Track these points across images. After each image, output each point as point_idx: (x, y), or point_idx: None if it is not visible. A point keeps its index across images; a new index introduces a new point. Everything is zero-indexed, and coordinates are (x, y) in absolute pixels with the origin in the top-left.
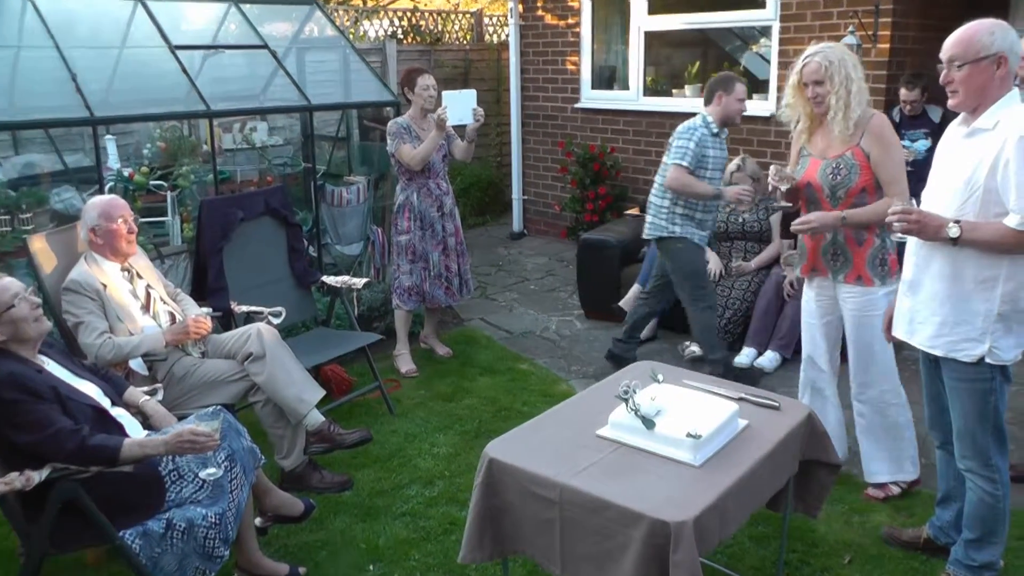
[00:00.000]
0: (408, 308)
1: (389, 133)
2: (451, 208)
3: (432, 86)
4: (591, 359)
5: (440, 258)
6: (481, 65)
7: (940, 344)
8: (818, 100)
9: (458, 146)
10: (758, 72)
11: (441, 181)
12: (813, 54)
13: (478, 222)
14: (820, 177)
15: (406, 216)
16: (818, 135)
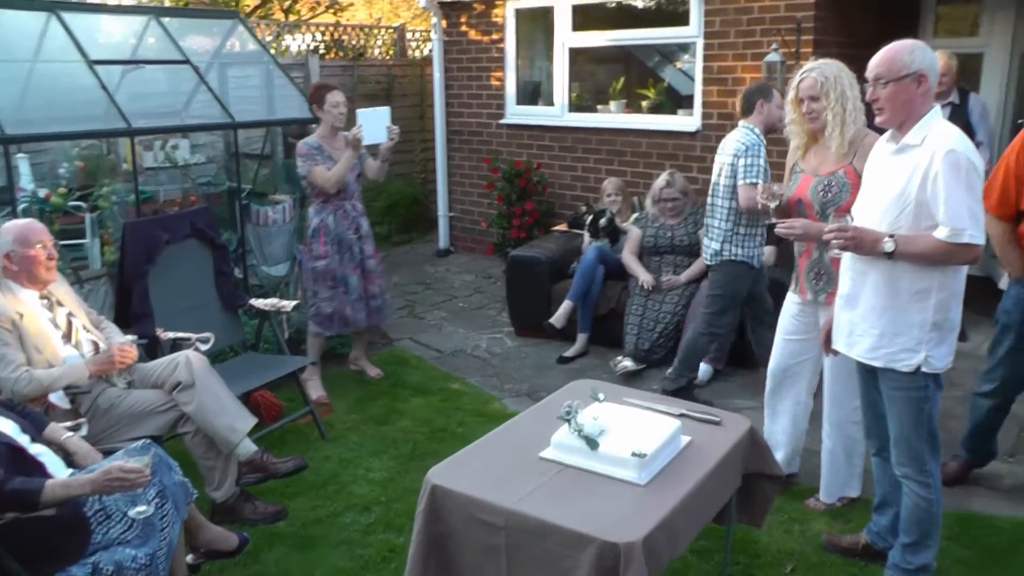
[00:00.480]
0: (330, 334)
1: (299, 155)
2: (368, 229)
3: (342, 103)
4: (523, 377)
5: (360, 281)
6: (404, 81)
7: (880, 356)
8: (812, 116)
9: (370, 166)
10: (682, 88)
11: (356, 202)
12: (809, 70)
13: (404, 240)
14: (811, 194)
15: (322, 240)
16: (812, 152)
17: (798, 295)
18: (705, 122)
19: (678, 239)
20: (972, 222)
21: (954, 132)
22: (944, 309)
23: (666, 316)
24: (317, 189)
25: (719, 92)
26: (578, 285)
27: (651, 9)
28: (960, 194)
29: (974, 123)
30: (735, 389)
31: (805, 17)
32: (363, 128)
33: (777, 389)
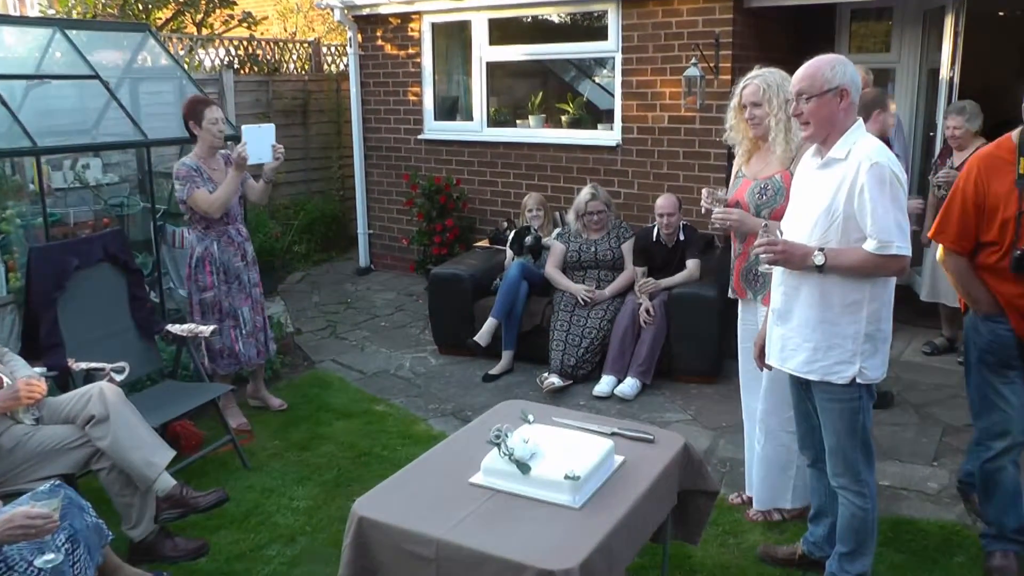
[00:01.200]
0: (224, 372)
1: (177, 177)
2: (253, 255)
3: (221, 119)
4: (448, 396)
5: (251, 313)
6: (320, 96)
7: (815, 369)
8: (755, 122)
9: (252, 187)
10: (601, 102)
11: (241, 226)
12: (752, 77)
13: (323, 258)
14: (748, 196)
15: (207, 269)
16: (755, 158)
17: (735, 295)
18: (625, 136)
19: (601, 253)
20: (899, 234)
21: (877, 145)
22: (876, 320)
23: (591, 331)
24: (198, 215)
25: (639, 106)
26: (501, 302)
27: (569, 24)
28: (886, 206)
29: (890, 137)
30: (663, 402)
31: (723, 32)
32: (248, 146)
33: (743, 397)
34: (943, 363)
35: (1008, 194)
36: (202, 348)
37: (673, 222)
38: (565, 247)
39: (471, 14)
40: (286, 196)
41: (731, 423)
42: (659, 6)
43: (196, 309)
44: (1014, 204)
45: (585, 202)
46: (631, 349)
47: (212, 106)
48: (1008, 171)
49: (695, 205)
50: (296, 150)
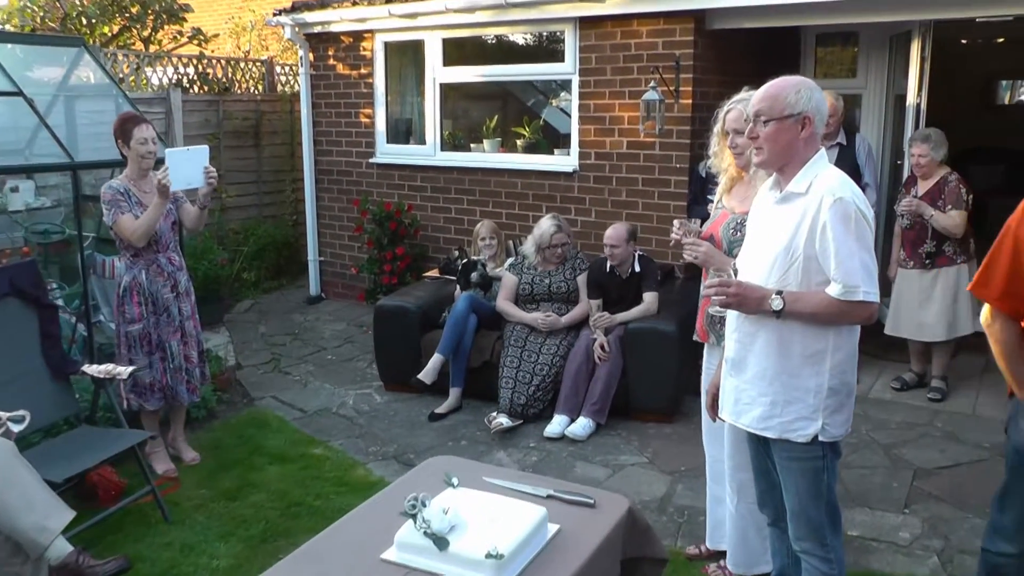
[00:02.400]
0: (153, 408)
1: (103, 201)
2: (187, 285)
3: (152, 139)
4: (392, 437)
5: (179, 347)
6: (273, 117)
7: (773, 425)
8: (737, 151)
9: (188, 212)
10: (558, 127)
11: (173, 254)
12: (737, 101)
13: (274, 286)
14: (722, 231)
15: (135, 300)
16: (737, 189)
17: (698, 338)
18: (582, 162)
19: (555, 285)
20: (866, 277)
21: (841, 178)
22: (840, 372)
23: (543, 368)
24: (125, 241)
25: (596, 131)
26: (449, 337)
27: (525, 45)
28: (851, 247)
29: (861, 164)
30: (618, 443)
31: (684, 55)
32: (171, 171)
33: (707, 447)
34: (912, 399)
35: None
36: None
37: (619, 254)
38: (517, 279)
39: (425, 33)
40: (236, 221)
41: (690, 466)
42: (617, 27)
43: (123, 343)
44: None
45: (550, 235)
46: (585, 387)
47: (142, 124)
48: None
49: (654, 235)
50: (248, 173)
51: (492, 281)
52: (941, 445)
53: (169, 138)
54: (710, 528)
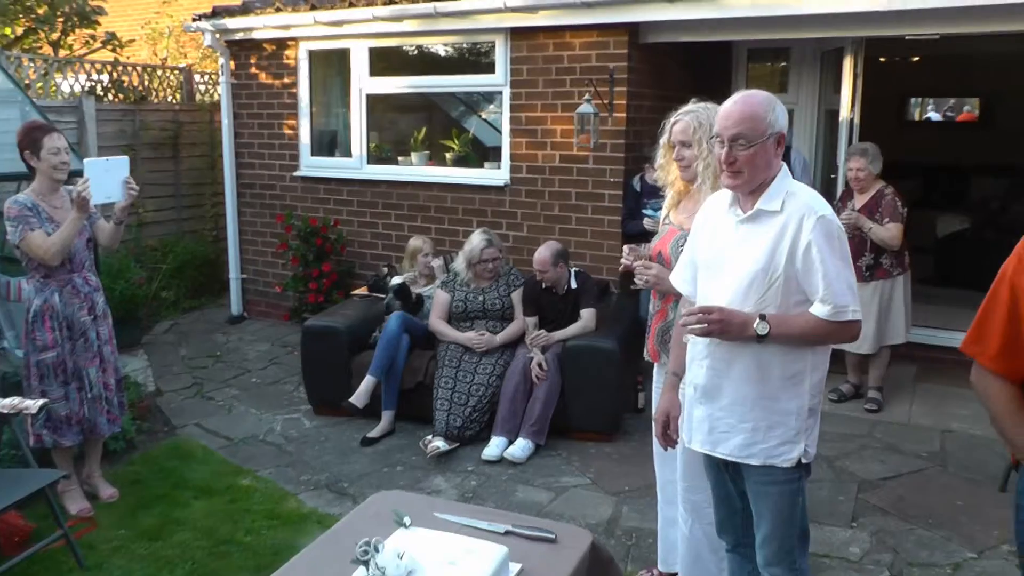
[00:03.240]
0: (70, 444)
1: (8, 217)
2: (104, 307)
3: (64, 149)
4: (323, 465)
5: (98, 374)
6: (193, 128)
7: (756, 452)
8: (684, 164)
9: (103, 229)
10: (489, 140)
11: (89, 274)
12: (684, 112)
13: (194, 305)
14: (671, 248)
15: (48, 325)
16: (683, 205)
17: (649, 358)
18: (514, 176)
19: (490, 303)
20: (853, 297)
21: (813, 193)
22: (817, 392)
23: (479, 388)
24: (35, 261)
25: (528, 144)
26: (380, 358)
27: (455, 55)
28: (838, 266)
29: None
30: (559, 465)
31: (618, 68)
32: (91, 183)
33: (658, 469)
34: (849, 410)
35: None
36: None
37: (550, 277)
38: (450, 296)
39: (351, 42)
40: (155, 237)
41: (635, 486)
42: (550, 39)
43: (34, 372)
44: None
45: (481, 250)
46: (523, 407)
47: (52, 133)
48: None
49: (588, 250)
50: (166, 186)
51: (414, 299)
52: (881, 456)
53: (82, 149)
54: (662, 551)
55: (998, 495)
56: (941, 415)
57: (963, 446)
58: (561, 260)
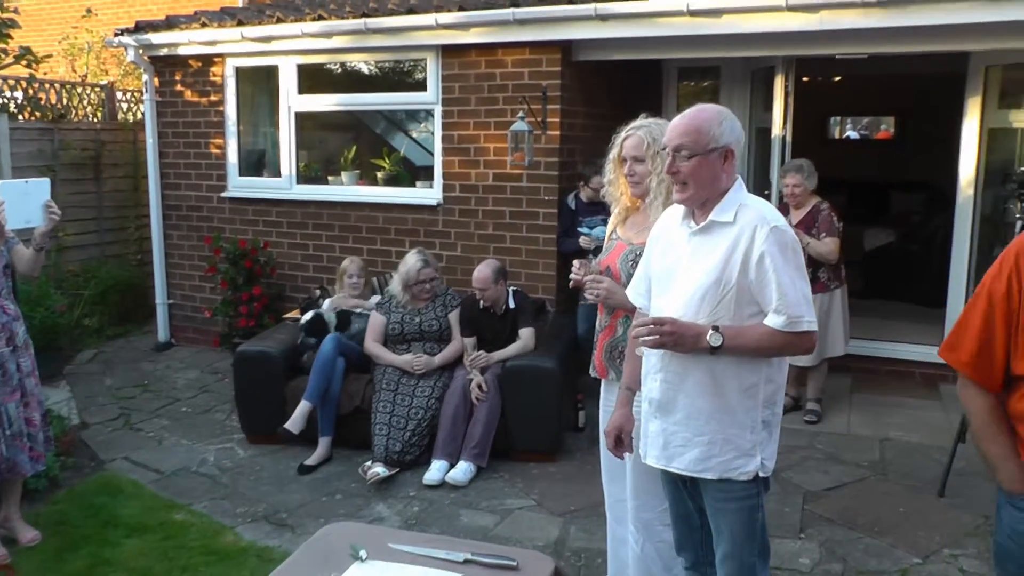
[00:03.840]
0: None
1: None
2: (25, 337)
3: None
4: (260, 495)
5: (18, 410)
6: (115, 147)
7: (713, 466)
8: (635, 180)
9: (22, 255)
10: (421, 158)
11: (7, 303)
12: (637, 127)
13: (118, 332)
14: (620, 263)
15: None
16: (632, 219)
17: (597, 375)
18: (446, 195)
19: (427, 324)
20: (808, 307)
21: (767, 205)
22: (772, 404)
23: (418, 411)
24: None
25: (461, 162)
26: (315, 382)
27: (386, 72)
28: (792, 276)
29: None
30: (502, 487)
31: (551, 85)
32: (7, 207)
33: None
34: (789, 422)
35: None
36: None
37: (490, 295)
38: (386, 319)
39: (279, 58)
40: (76, 261)
41: (580, 506)
42: (482, 56)
43: None
44: None
45: (417, 270)
46: (463, 429)
47: None
48: None
49: (524, 268)
50: (88, 209)
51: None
52: (824, 467)
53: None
54: (613, 571)
55: (937, 500)
56: (879, 424)
57: (901, 454)
58: (501, 278)
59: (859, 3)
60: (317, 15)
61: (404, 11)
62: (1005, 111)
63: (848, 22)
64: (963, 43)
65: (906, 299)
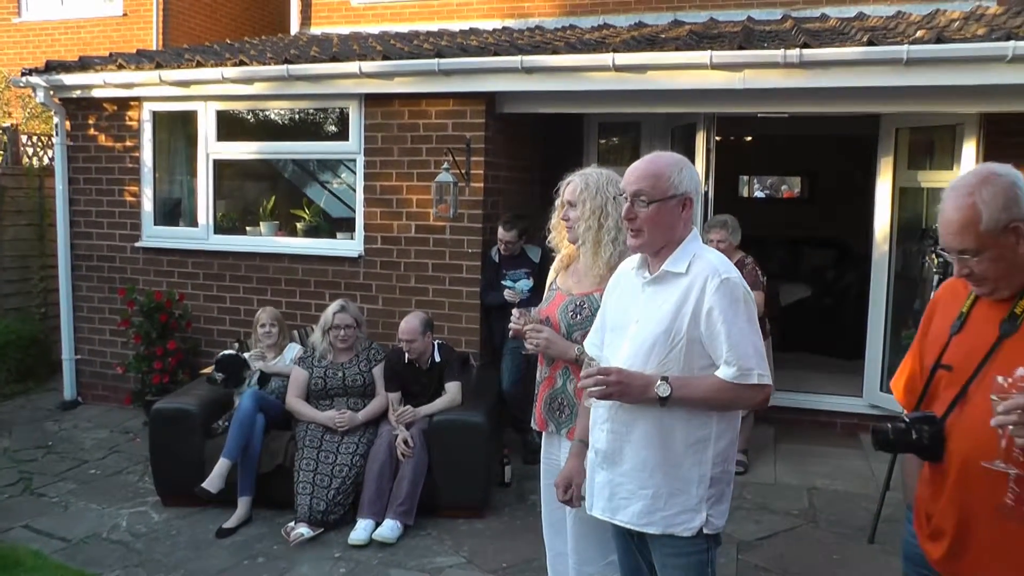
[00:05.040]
0: None
1: None
2: None
3: None
4: (176, 561)
5: None
6: (19, 194)
7: (656, 520)
8: (569, 225)
9: None
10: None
11: None
12: (578, 174)
13: (17, 391)
14: (560, 312)
15: None
16: (572, 269)
17: (536, 427)
18: (368, 246)
19: (350, 379)
20: (759, 359)
21: (721, 257)
22: (723, 461)
23: (343, 469)
24: None
25: (383, 214)
26: (234, 438)
27: (307, 121)
28: (742, 328)
29: None
30: (431, 545)
31: (475, 137)
32: None
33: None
34: None
35: (939, 337)
36: None
37: (417, 347)
38: (308, 373)
39: (198, 104)
40: None
41: (512, 562)
42: (406, 106)
43: None
44: (935, 352)
45: (333, 313)
46: (389, 486)
47: None
48: (955, 307)
49: (447, 322)
50: None
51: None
52: (755, 516)
53: None
54: None
55: (867, 546)
56: (804, 473)
57: (829, 502)
58: (428, 330)
59: (782, 64)
60: (238, 60)
61: (327, 58)
62: (914, 171)
63: (770, 82)
64: (876, 105)
65: (823, 352)
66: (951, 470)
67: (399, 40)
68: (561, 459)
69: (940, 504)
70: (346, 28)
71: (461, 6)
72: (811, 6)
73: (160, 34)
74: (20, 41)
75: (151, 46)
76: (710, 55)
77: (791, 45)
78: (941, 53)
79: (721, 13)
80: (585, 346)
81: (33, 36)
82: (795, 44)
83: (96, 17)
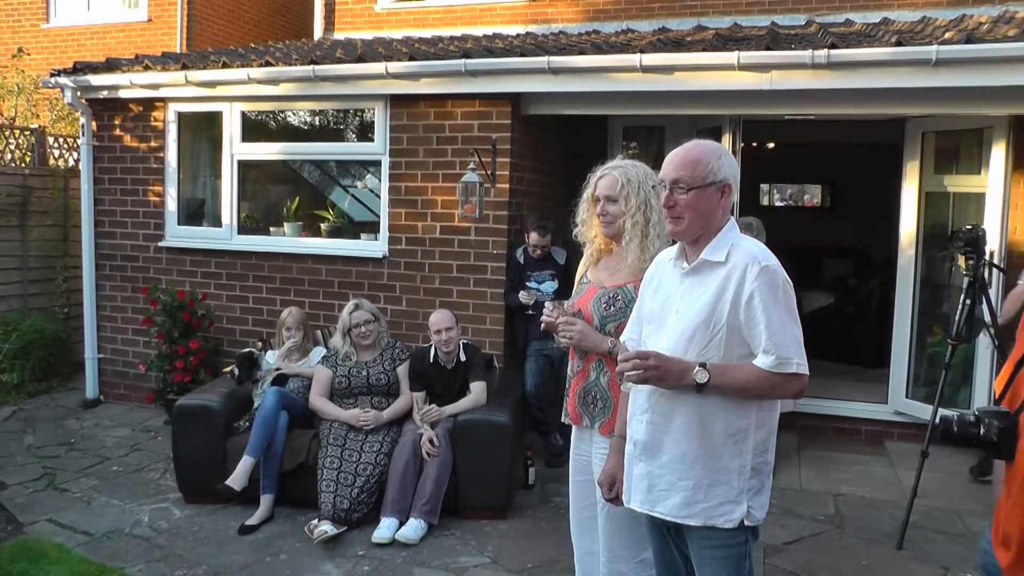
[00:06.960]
0: None
1: None
2: None
3: None
4: (199, 557)
5: None
6: (44, 194)
7: (696, 512)
8: (607, 220)
9: None
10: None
11: None
12: (612, 167)
13: (41, 389)
14: (592, 305)
15: None
16: (604, 262)
17: (569, 421)
18: (392, 247)
19: (375, 378)
20: (798, 349)
21: (760, 245)
22: (763, 451)
23: (367, 467)
24: None
25: (408, 215)
26: (257, 436)
27: (333, 122)
28: (782, 316)
29: None
30: (455, 545)
31: (501, 138)
32: None
33: (576, 539)
34: None
35: None
36: None
37: (453, 337)
38: (332, 372)
39: (223, 104)
40: None
41: (537, 563)
42: (431, 107)
43: None
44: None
45: (349, 314)
46: (413, 486)
47: None
48: None
49: (471, 323)
50: (11, 258)
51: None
52: (781, 521)
53: None
54: None
55: (896, 552)
56: (829, 480)
57: (856, 508)
58: (456, 324)
59: (810, 64)
60: (264, 61)
61: (353, 59)
62: (940, 176)
63: (798, 83)
64: (904, 107)
65: (845, 360)
66: (1019, 471)
67: (423, 44)
68: (591, 455)
69: (1007, 507)
70: (369, 33)
71: (484, 11)
72: (835, 11)
73: (184, 39)
74: (48, 47)
75: (175, 51)
76: (737, 56)
77: (819, 46)
78: (971, 53)
79: (745, 18)
80: (622, 341)
81: (60, 41)
82: (823, 45)
83: (122, 23)
